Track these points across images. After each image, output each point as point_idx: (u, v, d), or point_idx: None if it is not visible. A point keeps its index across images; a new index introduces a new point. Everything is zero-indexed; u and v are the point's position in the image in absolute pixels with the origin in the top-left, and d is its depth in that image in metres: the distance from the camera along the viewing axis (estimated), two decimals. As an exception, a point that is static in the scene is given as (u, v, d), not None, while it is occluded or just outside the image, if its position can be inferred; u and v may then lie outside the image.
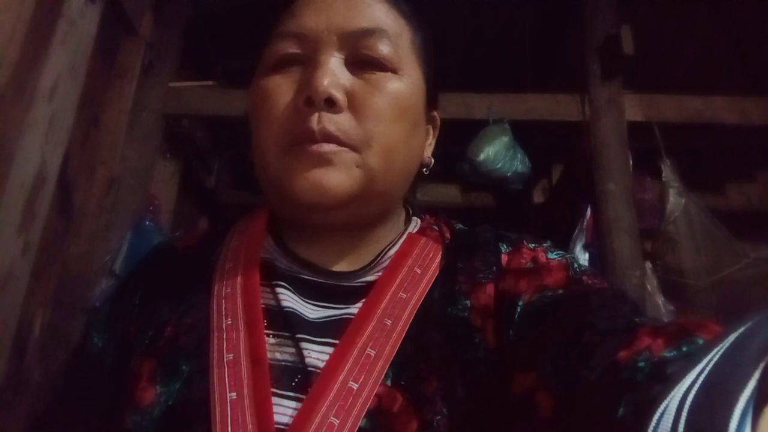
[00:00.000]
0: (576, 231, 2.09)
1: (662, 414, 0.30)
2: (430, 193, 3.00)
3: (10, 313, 1.33)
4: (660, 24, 2.37)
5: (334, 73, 0.55)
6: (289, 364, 0.54)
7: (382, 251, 0.62)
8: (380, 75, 0.57)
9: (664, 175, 2.05)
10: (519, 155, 2.24)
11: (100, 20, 1.64)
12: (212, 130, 2.64)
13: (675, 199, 2.01)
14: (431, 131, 0.69)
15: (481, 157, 2.17)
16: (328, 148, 0.54)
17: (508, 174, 2.23)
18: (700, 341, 0.37)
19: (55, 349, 1.55)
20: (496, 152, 2.18)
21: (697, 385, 0.30)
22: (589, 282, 0.55)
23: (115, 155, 1.92)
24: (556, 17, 2.52)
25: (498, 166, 2.20)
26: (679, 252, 2.00)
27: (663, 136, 2.10)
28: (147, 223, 2.01)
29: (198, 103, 2.26)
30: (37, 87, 1.35)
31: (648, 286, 1.95)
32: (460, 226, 0.68)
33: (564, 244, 2.04)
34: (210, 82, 2.40)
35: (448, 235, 0.65)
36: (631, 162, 2.09)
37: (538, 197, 2.90)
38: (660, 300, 1.96)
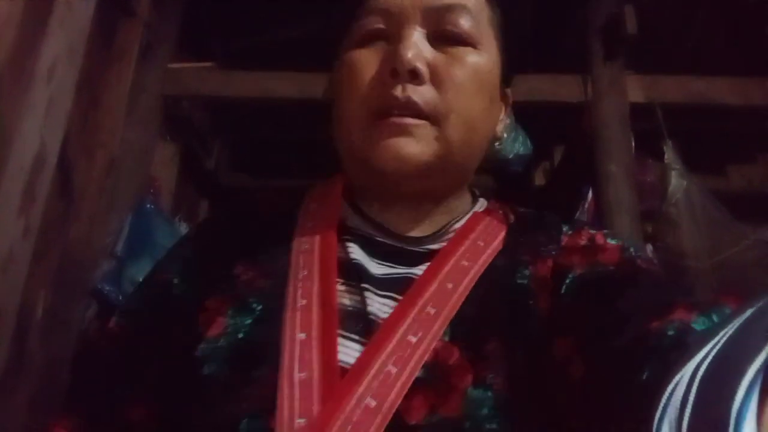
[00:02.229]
0: (577, 213, 2.08)
1: (675, 386, 0.31)
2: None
3: (12, 296, 1.33)
4: (663, 4, 2.34)
5: (417, 47, 0.58)
6: (354, 309, 0.57)
7: (448, 223, 0.65)
8: (461, 49, 0.60)
9: (665, 157, 2.04)
10: (520, 137, 2.21)
11: (97, 1, 1.62)
12: (212, 112, 2.63)
13: (676, 181, 2.00)
14: (504, 108, 0.75)
15: (482, 139, 2.16)
16: (410, 120, 0.57)
17: (509, 156, 2.20)
18: (728, 310, 0.39)
19: (57, 332, 1.56)
20: (498, 134, 2.16)
21: (709, 358, 0.31)
22: (643, 265, 0.56)
23: (115, 137, 1.91)
24: (558, -3, 2.49)
25: (499, 148, 2.18)
26: (680, 234, 1.99)
27: (665, 117, 2.09)
28: (147, 205, 2.01)
29: (197, 84, 2.24)
30: (35, 69, 1.34)
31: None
32: (524, 209, 0.72)
33: (565, 226, 2.03)
34: (209, 64, 2.38)
35: (512, 218, 0.69)
36: (632, 144, 2.08)
37: (539, 179, 2.89)
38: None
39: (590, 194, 2.09)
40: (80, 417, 0.60)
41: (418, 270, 0.60)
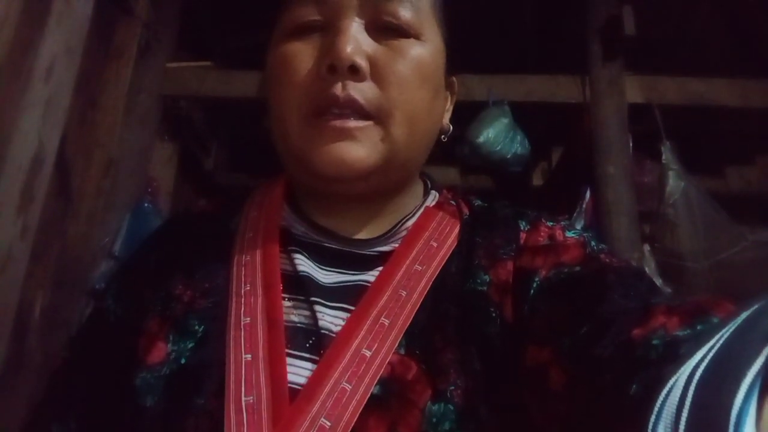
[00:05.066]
0: (575, 214, 2.08)
1: (671, 389, 0.30)
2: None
3: (10, 296, 1.32)
4: (662, 5, 2.35)
5: (356, 40, 0.54)
6: (303, 326, 0.54)
7: (399, 222, 0.62)
8: (402, 41, 0.57)
9: (663, 158, 2.04)
10: (519, 137, 2.23)
11: (95, 0, 1.62)
12: (210, 112, 2.62)
13: (674, 182, 2.00)
14: (449, 97, 0.69)
15: (481, 139, 2.16)
16: (353, 124, 0.53)
17: (508, 156, 2.22)
18: (715, 320, 0.37)
19: (55, 331, 1.56)
20: (496, 134, 2.17)
21: (706, 361, 0.30)
22: (607, 260, 0.54)
23: (113, 137, 1.91)
24: (557, -3, 2.50)
25: (497, 149, 2.18)
26: (678, 235, 2.00)
27: (663, 118, 2.09)
28: (146, 205, 2.01)
29: (196, 84, 2.23)
30: (33, 68, 1.33)
31: (646, 269, 1.95)
32: (478, 202, 0.68)
33: (563, 226, 2.03)
34: (207, 63, 2.38)
35: (466, 211, 0.65)
36: (631, 144, 2.08)
37: (537, 180, 2.88)
38: (658, 282, 1.96)
39: (588, 195, 2.09)
40: None
41: (370, 276, 0.57)
